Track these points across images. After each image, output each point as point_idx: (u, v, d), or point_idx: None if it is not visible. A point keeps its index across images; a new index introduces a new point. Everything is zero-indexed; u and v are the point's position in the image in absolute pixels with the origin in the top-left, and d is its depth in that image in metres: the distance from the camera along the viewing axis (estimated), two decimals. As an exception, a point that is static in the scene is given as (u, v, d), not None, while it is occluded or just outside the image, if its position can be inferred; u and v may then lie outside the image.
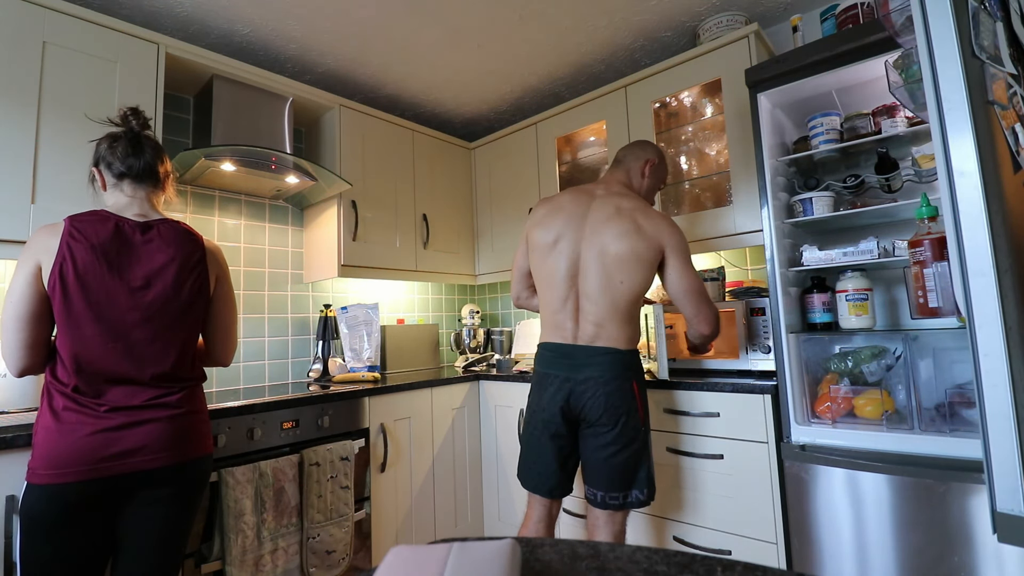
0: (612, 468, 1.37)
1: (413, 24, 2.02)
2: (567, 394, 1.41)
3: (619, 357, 1.40)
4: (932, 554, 1.22)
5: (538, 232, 1.51)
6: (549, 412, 1.44)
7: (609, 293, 1.40)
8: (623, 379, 1.39)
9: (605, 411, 1.37)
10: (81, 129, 1.55)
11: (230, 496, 1.43)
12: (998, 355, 0.76)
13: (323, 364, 2.29)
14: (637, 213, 1.43)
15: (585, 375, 1.39)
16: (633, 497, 1.38)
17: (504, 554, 0.45)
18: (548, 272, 1.48)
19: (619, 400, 1.37)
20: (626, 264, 1.39)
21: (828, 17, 1.71)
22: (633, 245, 1.39)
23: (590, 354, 1.40)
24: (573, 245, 1.45)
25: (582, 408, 1.40)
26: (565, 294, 1.45)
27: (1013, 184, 0.82)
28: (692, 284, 1.41)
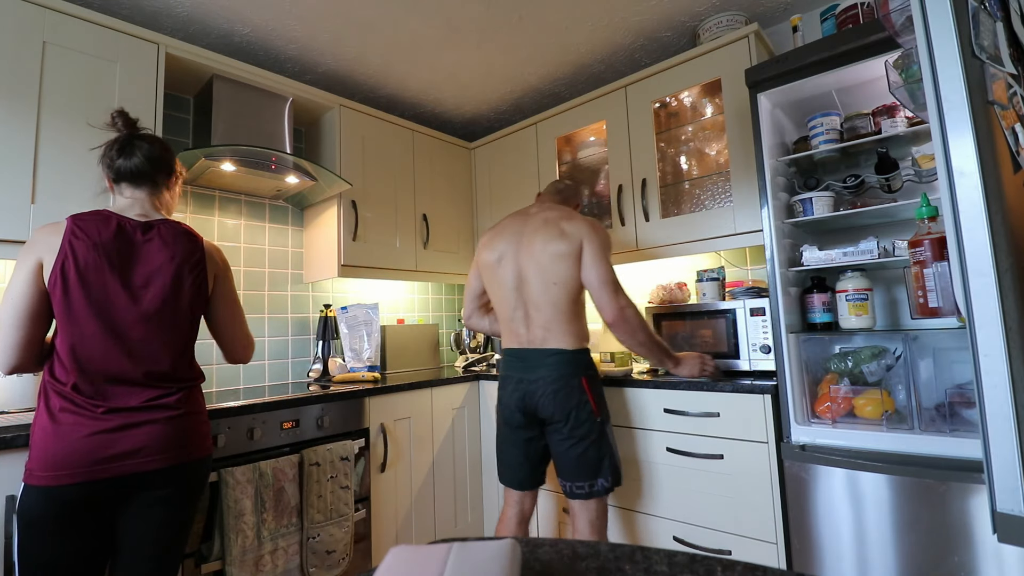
0: (572, 460, 1.50)
1: (413, 24, 2.02)
2: (523, 394, 1.55)
3: (567, 357, 1.53)
4: (932, 554, 1.22)
5: (485, 254, 1.69)
6: (509, 410, 1.60)
7: (548, 296, 1.54)
8: (572, 377, 1.51)
9: (556, 407, 1.50)
10: (81, 129, 1.55)
11: (230, 496, 1.43)
12: (998, 355, 0.76)
13: (323, 364, 2.29)
14: (562, 220, 1.59)
15: (536, 375, 1.53)
16: (599, 486, 1.50)
17: (504, 554, 0.45)
18: (497, 286, 1.65)
19: (567, 397, 1.50)
20: (556, 265, 1.53)
21: (828, 17, 1.71)
22: (559, 247, 1.54)
23: (541, 356, 1.54)
24: (514, 259, 1.61)
25: (536, 406, 1.54)
26: (514, 303, 1.61)
27: (1013, 184, 0.82)
28: (604, 275, 1.52)
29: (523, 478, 1.62)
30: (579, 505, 1.51)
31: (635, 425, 1.80)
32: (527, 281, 1.57)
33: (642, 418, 1.79)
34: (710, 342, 1.83)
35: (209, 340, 1.42)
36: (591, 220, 1.59)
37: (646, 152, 2.11)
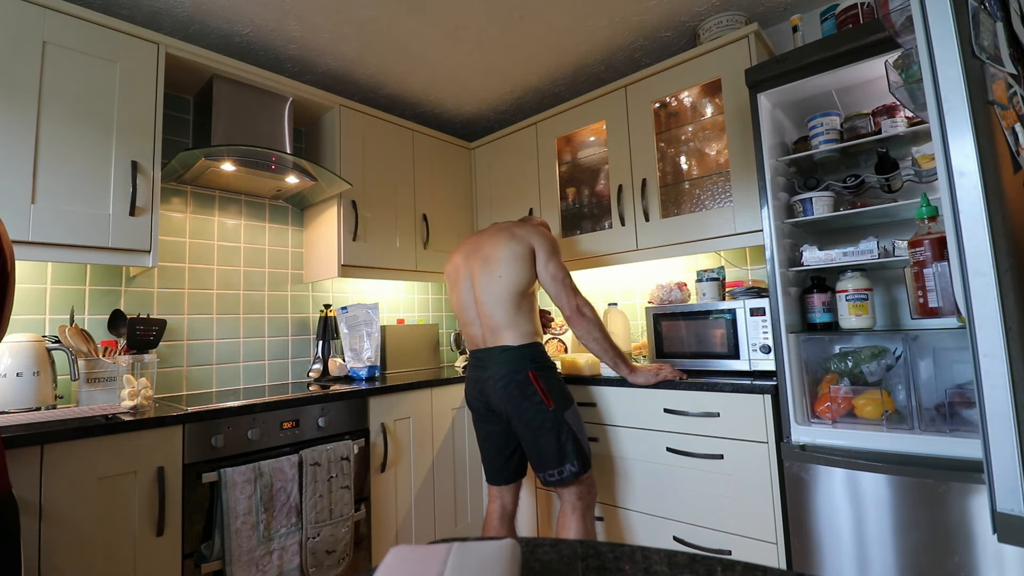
0: (537, 450, 1.58)
1: (413, 24, 2.02)
2: (479, 391, 1.68)
3: (513, 353, 1.62)
4: (932, 554, 1.22)
5: (447, 268, 1.82)
6: (474, 408, 1.73)
7: (493, 289, 1.64)
8: (517, 371, 1.59)
9: (507, 403, 1.59)
10: (81, 129, 1.55)
11: (230, 496, 1.43)
12: (998, 355, 0.76)
13: (323, 364, 2.29)
14: (513, 227, 1.72)
15: (488, 373, 1.64)
16: (567, 471, 1.55)
17: (504, 554, 0.45)
18: (458, 296, 1.76)
19: (515, 390, 1.58)
20: (502, 262, 1.64)
21: (828, 17, 1.71)
22: (508, 247, 1.65)
23: (492, 354, 1.65)
24: (467, 266, 1.73)
25: (490, 401, 1.65)
26: (467, 305, 1.73)
27: (1013, 184, 0.82)
28: (556, 272, 1.65)
29: (496, 472, 1.72)
30: (563, 494, 1.60)
31: (635, 425, 1.80)
32: (476, 279, 1.68)
33: (642, 418, 1.78)
34: (710, 342, 1.82)
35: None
36: (540, 228, 1.74)
37: (646, 152, 2.10)
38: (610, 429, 1.87)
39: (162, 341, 1.85)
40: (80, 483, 1.24)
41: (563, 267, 1.67)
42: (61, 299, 1.74)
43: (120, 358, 1.69)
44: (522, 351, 1.61)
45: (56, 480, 1.21)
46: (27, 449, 1.17)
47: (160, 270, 1.98)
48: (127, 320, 1.73)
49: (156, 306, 1.95)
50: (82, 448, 1.25)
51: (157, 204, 1.70)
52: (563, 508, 1.61)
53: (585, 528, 1.60)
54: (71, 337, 1.62)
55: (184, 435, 1.43)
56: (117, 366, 1.68)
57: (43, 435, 1.19)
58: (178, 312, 2.01)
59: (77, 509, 1.23)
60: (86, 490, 1.25)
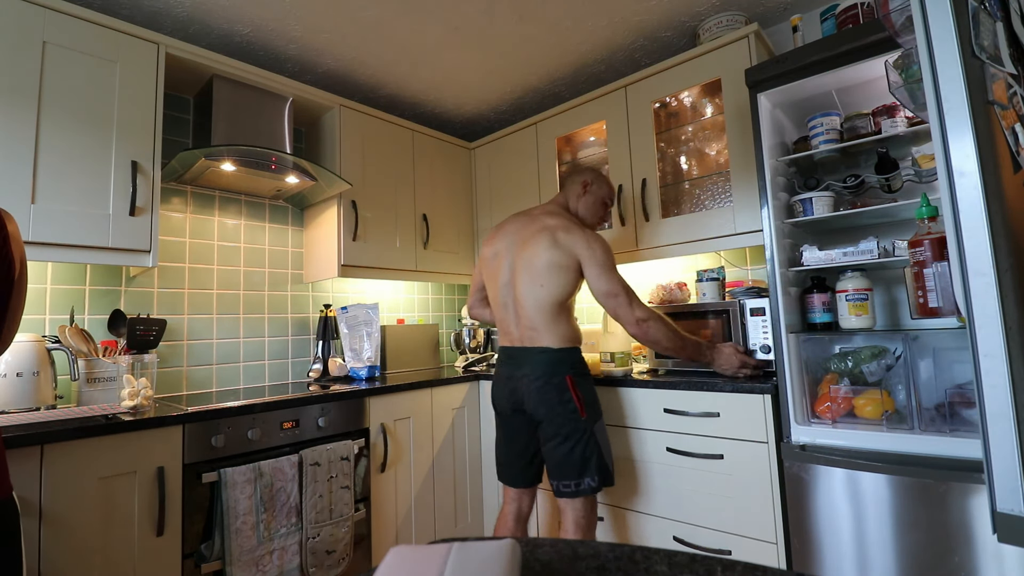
0: (559, 459, 1.52)
1: (413, 24, 2.02)
2: (511, 390, 1.61)
3: (552, 355, 1.56)
4: (932, 554, 1.22)
5: (485, 249, 1.77)
6: (501, 407, 1.66)
7: (534, 296, 1.58)
8: (555, 375, 1.53)
9: (539, 405, 1.53)
10: (81, 129, 1.55)
11: (230, 496, 1.43)
12: (998, 355, 0.76)
13: (323, 364, 2.29)
14: (559, 230, 1.61)
15: (522, 372, 1.58)
16: (585, 485, 1.50)
17: (504, 554, 0.45)
18: (492, 283, 1.71)
19: (550, 394, 1.52)
20: (545, 272, 1.57)
21: (828, 17, 1.71)
22: (551, 256, 1.57)
23: (528, 353, 1.59)
24: (509, 259, 1.67)
25: (522, 403, 1.58)
26: (505, 301, 1.67)
27: (1013, 184, 0.82)
28: (609, 287, 1.55)
29: (516, 475, 1.66)
30: (565, 503, 1.54)
31: (635, 425, 1.80)
32: (518, 282, 1.62)
33: (642, 418, 1.78)
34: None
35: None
36: (588, 233, 1.61)
37: (646, 152, 2.10)
38: (610, 429, 1.86)
39: (162, 341, 1.85)
40: (80, 483, 1.24)
41: (618, 280, 1.56)
42: (61, 299, 1.74)
43: (120, 358, 1.69)
44: (561, 355, 1.56)
45: (56, 480, 1.21)
46: (27, 449, 1.17)
47: (160, 270, 1.98)
48: (127, 320, 1.73)
49: (156, 306, 1.95)
50: (82, 448, 1.25)
51: (157, 204, 1.70)
52: (564, 522, 1.55)
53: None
54: (71, 337, 1.62)
55: (184, 435, 1.43)
56: (117, 366, 1.68)
57: (43, 435, 1.19)
58: (178, 312, 2.01)
59: (77, 509, 1.24)
60: (86, 490, 1.25)
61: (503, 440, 1.69)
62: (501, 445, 1.70)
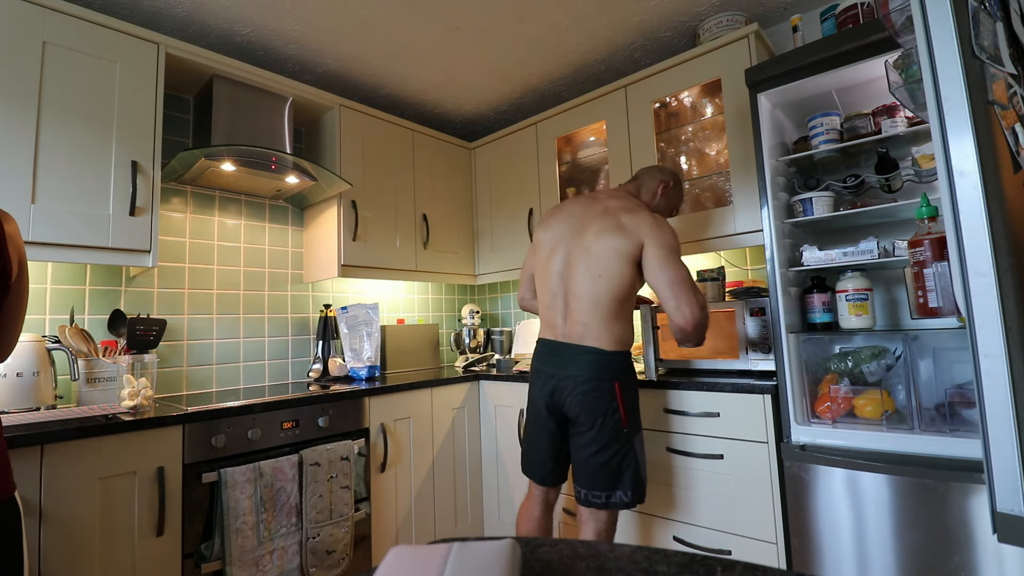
0: (592, 467, 1.42)
1: (413, 24, 2.02)
2: (551, 390, 1.48)
3: (602, 358, 1.43)
4: (932, 554, 1.22)
5: (540, 233, 1.62)
6: (538, 406, 1.54)
7: (592, 289, 1.44)
8: (603, 379, 1.42)
9: (583, 410, 1.42)
10: (81, 129, 1.55)
11: (230, 496, 1.43)
12: (998, 355, 0.76)
13: (323, 364, 2.29)
14: (622, 212, 1.47)
15: (567, 372, 1.45)
16: (617, 498, 1.41)
17: (504, 554, 0.45)
18: (543, 270, 1.56)
19: (597, 400, 1.41)
20: (605, 259, 1.43)
21: (828, 17, 1.71)
22: (612, 241, 1.43)
23: (575, 352, 1.45)
24: (565, 244, 1.52)
25: (563, 405, 1.46)
26: (556, 291, 1.52)
27: (1013, 184, 0.82)
28: (675, 274, 1.37)
29: (547, 474, 1.54)
30: (588, 514, 1.45)
31: (635, 425, 1.80)
32: (573, 270, 1.48)
33: (642, 418, 1.78)
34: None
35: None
36: (655, 216, 1.46)
37: (646, 152, 2.10)
38: (610, 429, 1.86)
39: (162, 341, 1.85)
40: (80, 483, 1.24)
41: (683, 269, 1.39)
42: (61, 299, 1.74)
43: (120, 358, 1.69)
44: (613, 359, 1.44)
45: (56, 480, 1.21)
46: (27, 449, 1.17)
47: (160, 270, 1.98)
48: (127, 320, 1.73)
49: (156, 306, 1.95)
50: (82, 448, 1.25)
51: (157, 204, 1.70)
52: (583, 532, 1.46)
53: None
54: (71, 337, 1.62)
55: (184, 435, 1.43)
56: (117, 366, 1.68)
57: (43, 435, 1.19)
58: (178, 312, 2.01)
59: (77, 509, 1.24)
60: (86, 490, 1.25)
61: (538, 439, 1.55)
62: (536, 443, 1.56)
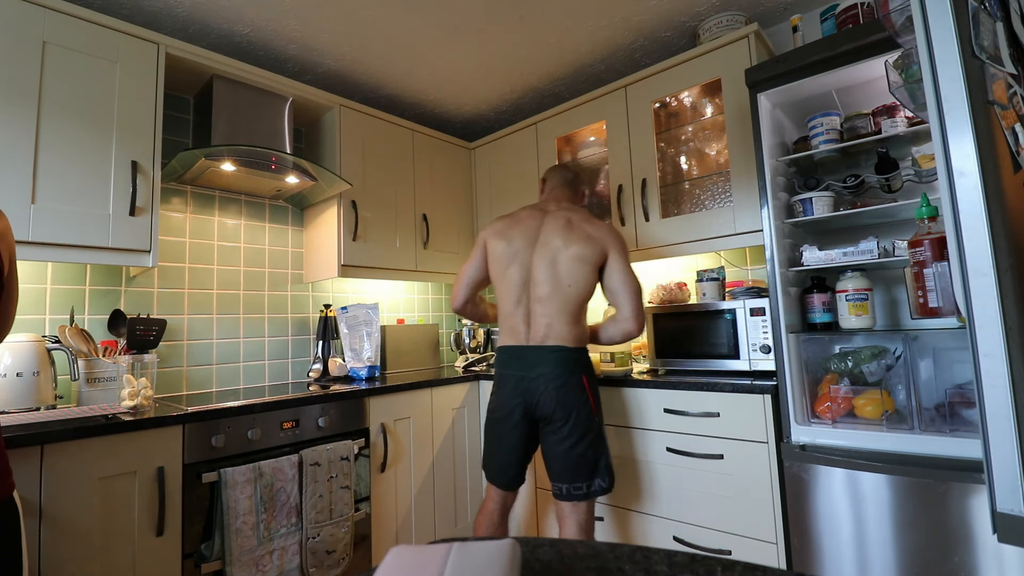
0: (572, 460, 1.49)
1: (413, 24, 2.02)
2: (524, 391, 1.53)
3: (569, 355, 1.53)
4: (932, 554, 1.22)
5: (498, 243, 1.65)
6: (507, 409, 1.56)
7: (560, 297, 1.54)
8: (573, 374, 1.51)
9: (558, 405, 1.49)
10: (81, 129, 1.55)
11: (230, 496, 1.43)
12: (998, 355, 0.76)
13: (323, 364, 2.29)
14: (585, 223, 1.60)
15: (537, 372, 1.52)
16: (596, 486, 1.49)
17: (504, 554, 0.45)
18: (505, 280, 1.62)
19: (570, 394, 1.50)
20: (575, 269, 1.54)
21: (828, 17, 1.71)
22: (582, 250, 1.54)
23: (543, 353, 1.53)
24: (528, 256, 1.60)
25: (537, 404, 1.52)
26: (518, 299, 1.59)
27: (1013, 184, 0.82)
28: (635, 284, 1.56)
29: (512, 478, 1.59)
30: (571, 507, 1.50)
31: (635, 425, 1.80)
32: (537, 280, 1.56)
33: (642, 418, 1.78)
34: (710, 342, 1.82)
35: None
36: (611, 226, 1.60)
37: (646, 152, 2.11)
38: (610, 429, 1.87)
39: (162, 341, 1.85)
40: (80, 483, 1.24)
41: (637, 277, 1.57)
42: (61, 299, 1.74)
43: (120, 358, 1.69)
44: (578, 355, 1.54)
45: (56, 480, 1.21)
46: (27, 449, 1.17)
47: (160, 270, 1.98)
48: (127, 320, 1.73)
49: (156, 306, 1.95)
50: (82, 448, 1.25)
51: (157, 204, 1.70)
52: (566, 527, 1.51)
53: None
54: (71, 337, 1.62)
55: (184, 435, 1.43)
56: (117, 366, 1.68)
57: (43, 435, 1.19)
58: (178, 312, 2.01)
59: (77, 509, 1.24)
60: (86, 490, 1.25)
61: (505, 443, 1.58)
62: (502, 448, 1.59)
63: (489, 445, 1.64)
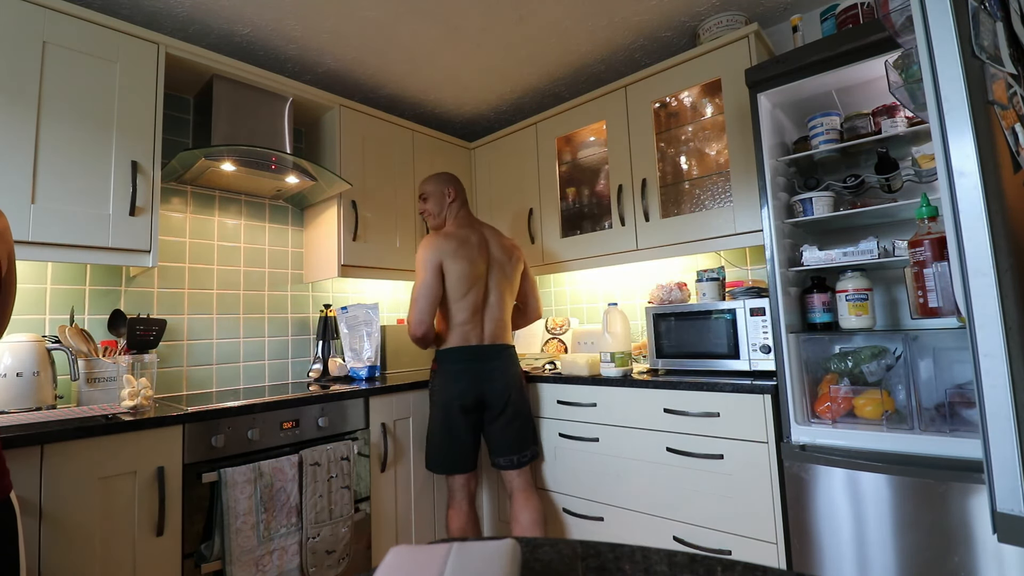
0: (515, 433, 1.86)
1: (413, 24, 2.02)
2: (479, 383, 1.82)
3: (512, 352, 1.94)
4: (932, 554, 1.22)
5: (458, 264, 1.82)
6: (465, 398, 1.81)
7: (505, 306, 1.93)
8: (516, 365, 1.93)
9: (507, 389, 1.84)
10: (81, 129, 1.55)
11: (230, 496, 1.43)
12: (998, 355, 0.76)
13: (323, 364, 2.29)
14: (504, 239, 1.98)
15: (492, 366, 1.85)
16: (532, 452, 1.91)
17: (504, 554, 0.45)
18: (467, 298, 1.84)
19: (514, 381, 1.88)
20: (515, 282, 1.98)
21: (828, 17, 1.71)
22: (516, 264, 1.97)
23: (497, 350, 1.87)
24: (485, 273, 1.89)
25: (488, 392, 1.82)
26: (474, 310, 1.86)
27: (1013, 184, 0.82)
28: (535, 282, 2.11)
29: (470, 460, 1.87)
30: (518, 473, 1.87)
31: (635, 425, 1.80)
32: (493, 294, 1.90)
33: (642, 418, 1.78)
34: (710, 342, 1.82)
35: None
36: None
37: (646, 152, 2.11)
38: (610, 429, 1.87)
39: (162, 341, 1.85)
40: (80, 483, 1.24)
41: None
42: (61, 299, 1.74)
43: (120, 358, 1.69)
44: (515, 351, 1.96)
45: (56, 480, 1.21)
46: (27, 449, 1.17)
47: (160, 270, 1.98)
48: (127, 320, 1.73)
49: (156, 306, 1.95)
50: (82, 448, 1.25)
51: (157, 204, 1.70)
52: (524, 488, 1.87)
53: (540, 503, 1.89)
54: (71, 337, 1.62)
55: (184, 435, 1.43)
56: (117, 366, 1.68)
57: (43, 435, 1.19)
58: (178, 312, 2.01)
59: (77, 509, 1.23)
60: (86, 490, 1.25)
61: (463, 430, 1.82)
62: (461, 436, 1.83)
63: (446, 437, 1.84)
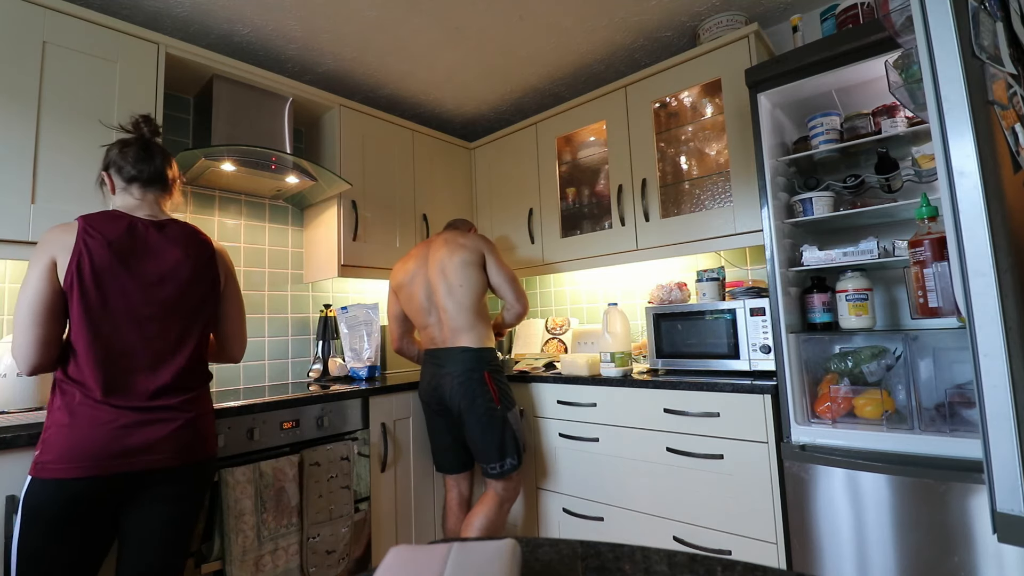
0: (482, 444, 1.76)
1: (413, 24, 2.02)
2: (435, 386, 1.82)
3: (472, 353, 1.79)
4: (932, 554, 1.22)
5: (398, 277, 1.94)
6: (426, 401, 1.88)
7: (455, 297, 1.81)
8: (475, 371, 1.77)
9: (462, 398, 1.75)
10: (81, 129, 1.55)
11: (230, 496, 1.43)
12: (998, 355, 0.76)
13: (323, 364, 2.29)
14: (458, 236, 1.91)
15: (446, 370, 1.79)
16: (508, 465, 1.76)
17: (504, 554, 0.45)
18: (413, 301, 1.89)
19: (471, 388, 1.75)
20: (460, 271, 1.82)
21: (828, 17, 1.71)
22: (462, 256, 1.83)
23: (452, 353, 1.81)
24: (424, 274, 1.88)
25: (445, 397, 1.79)
26: (428, 310, 1.88)
27: (1013, 184, 0.82)
28: (510, 273, 1.91)
29: (452, 460, 1.88)
30: (493, 483, 1.80)
31: (635, 425, 1.80)
32: (436, 289, 1.84)
33: (642, 418, 1.78)
34: (710, 342, 1.82)
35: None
36: (482, 235, 1.94)
37: (646, 152, 2.11)
38: (610, 429, 1.87)
39: (162, 341, 1.84)
40: (80, 483, 1.24)
41: (511, 269, 1.91)
42: (61, 299, 1.74)
43: (120, 358, 1.69)
44: (480, 353, 1.79)
45: (56, 480, 1.21)
46: (27, 449, 1.17)
47: (160, 270, 1.97)
48: (127, 320, 1.73)
49: (156, 306, 1.95)
50: (82, 448, 1.25)
51: (157, 204, 1.69)
52: (488, 492, 1.80)
53: (498, 515, 1.78)
54: (71, 337, 1.62)
55: (184, 435, 1.43)
56: (117, 366, 1.67)
57: (43, 435, 1.18)
58: (178, 312, 2.00)
59: (77, 509, 1.23)
60: (86, 490, 1.25)
61: (437, 430, 1.88)
62: (436, 436, 1.90)
63: (429, 436, 1.95)
